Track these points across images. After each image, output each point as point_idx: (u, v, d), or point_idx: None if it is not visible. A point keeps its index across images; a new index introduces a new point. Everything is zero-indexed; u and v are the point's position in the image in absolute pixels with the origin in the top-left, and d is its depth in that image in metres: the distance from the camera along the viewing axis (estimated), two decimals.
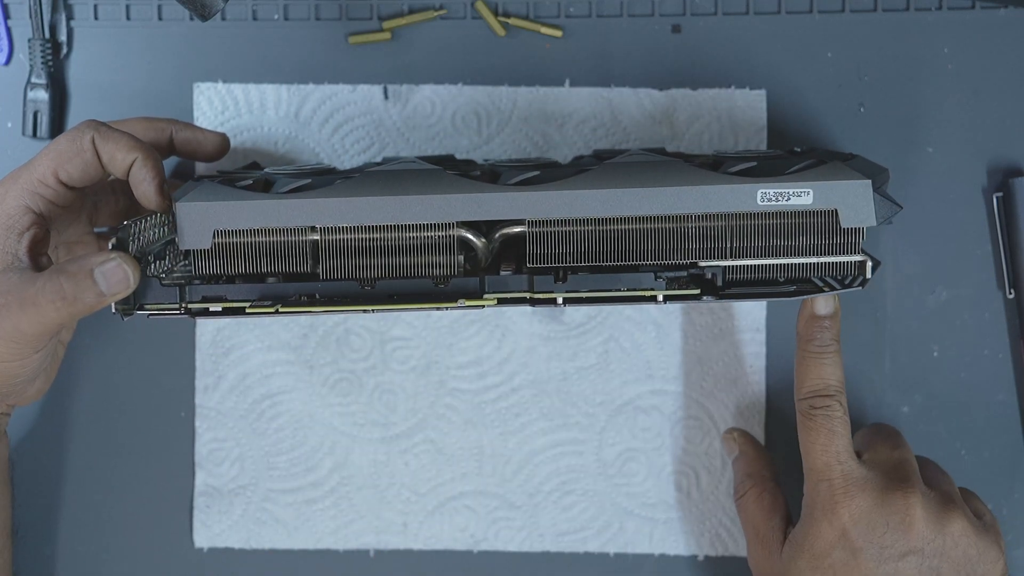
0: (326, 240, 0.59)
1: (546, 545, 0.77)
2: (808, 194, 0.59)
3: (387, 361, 0.76)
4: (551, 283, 0.60)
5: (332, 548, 0.77)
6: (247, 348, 0.76)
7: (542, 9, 0.76)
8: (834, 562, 0.64)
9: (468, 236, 0.60)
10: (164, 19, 0.76)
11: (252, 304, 0.60)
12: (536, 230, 0.60)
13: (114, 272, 0.58)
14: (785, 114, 0.76)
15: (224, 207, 0.59)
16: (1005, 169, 0.76)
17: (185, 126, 0.71)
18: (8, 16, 0.76)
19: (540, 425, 0.77)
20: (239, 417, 0.77)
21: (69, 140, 0.62)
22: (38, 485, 0.77)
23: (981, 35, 0.75)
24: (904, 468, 0.66)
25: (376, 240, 0.59)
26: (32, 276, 0.60)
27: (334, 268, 0.60)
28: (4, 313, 0.59)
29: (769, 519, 0.70)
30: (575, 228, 0.60)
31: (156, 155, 0.63)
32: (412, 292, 0.60)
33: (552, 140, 0.76)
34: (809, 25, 0.76)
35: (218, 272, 0.60)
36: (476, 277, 0.60)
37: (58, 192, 0.63)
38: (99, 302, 0.59)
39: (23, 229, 0.61)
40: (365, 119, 0.76)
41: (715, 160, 0.64)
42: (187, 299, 0.60)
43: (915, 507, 0.63)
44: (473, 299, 0.60)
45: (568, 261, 0.60)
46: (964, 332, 0.76)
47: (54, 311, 0.59)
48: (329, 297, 0.60)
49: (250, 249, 0.59)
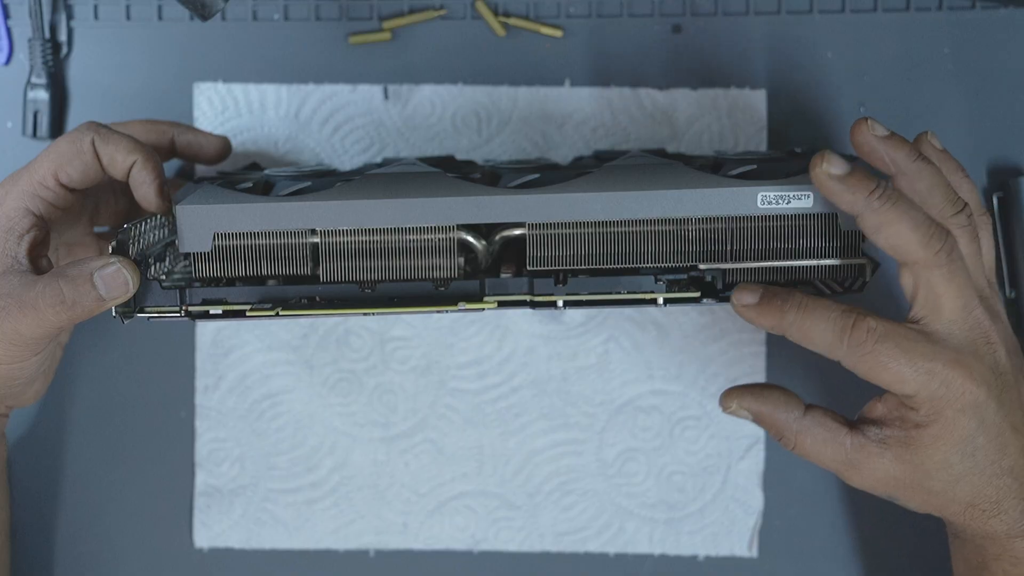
0: (326, 242, 0.59)
1: (546, 545, 0.77)
2: (808, 197, 0.59)
3: (387, 361, 0.76)
4: (551, 286, 0.60)
5: (332, 548, 0.77)
6: (247, 348, 0.76)
7: (542, 9, 0.76)
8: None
9: (468, 239, 0.60)
10: (164, 19, 0.76)
11: (253, 307, 0.60)
12: (536, 232, 0.60)
13: (114, 276, 0.58)
14: (785, 114, 0.76)
15: (224, 210, 0.59)
16: (1005, 169, 0.76)
17: (186, 129, 0.71)
18: (8, 16, 0.76)
19: (540, 425, 0.77)
20: (239, 417, 0.77)
21: (69, 142, 0.62)
22: (37, 485, 0.77)
23: (981, 35, 0.75)
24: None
25: (376, 243, 0.60)
26: (32, 279, 0.60)
27: (334, 270, 0.60)
28: (3, 316, 0.59)
29: (839, 445, 0.60)
30: (575, 231, 0.60)
31: (156, 157, 0.63)
32: (412, 295, 0.60)
33: (552, 140, 0.76)
34: (809, 25, 0.76)
35: (218, 275, 0.60)
36: (476, 280, 0.60)
37: (58, 194, 0.63)
38: (99, 306, 0.59)
39: (23, 231, 0.61)
40: (365, 119, 0.76)
41: (715, 162, 0.64)
42: (187, 302, 0.60)
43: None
44: (473, 302, 0.60)
45: (568, 264, 0.60)
46: None
47: (54, 315, 0.59)
48: (329, 300, 0.60)
49: (250, 251, 0.59)
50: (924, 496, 0.60)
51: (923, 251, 0.56)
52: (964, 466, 0.58)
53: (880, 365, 0.57)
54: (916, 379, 0.57)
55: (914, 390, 0.57)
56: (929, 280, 0.57)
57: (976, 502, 0.59)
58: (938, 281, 0.57)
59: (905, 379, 0.57)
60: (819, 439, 0.60)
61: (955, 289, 0.57)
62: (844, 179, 0.56)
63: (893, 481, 0.60)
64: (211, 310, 0.60)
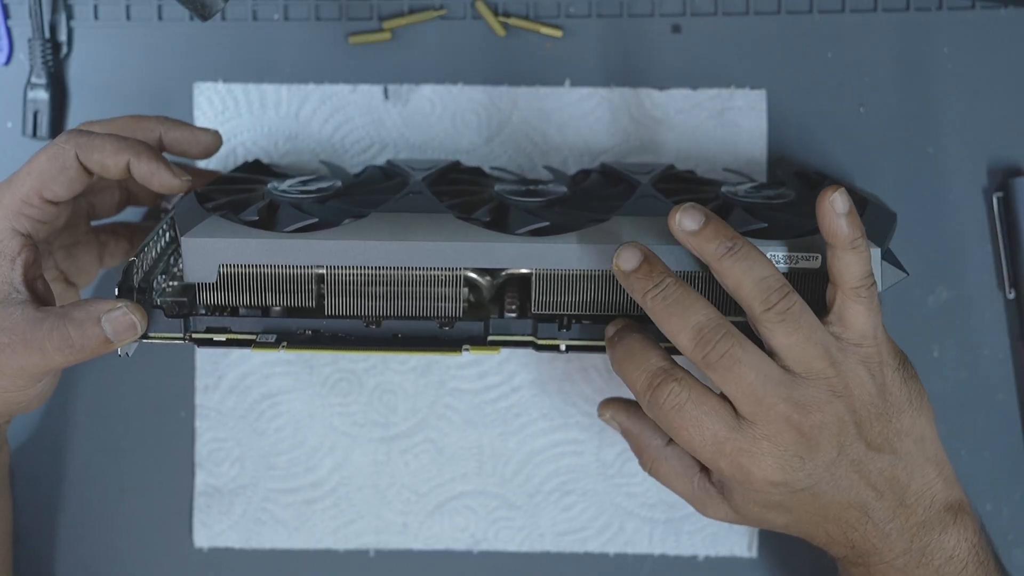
0: (331, 274, 0.60)
1: (546, 545, 0.77)
2: (817, 259, 0.60)
3: (387, 361, 0.76)
4: (555, 330, 0.61)
5: (332, 548, 0.77)
6: (247, 348, 0.76)
7: (542, 9, 0.76)
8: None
9: (473, 276, 0.61)
10: (164, 19, 0.76)
11: (258, 339, 0.60)
12: (542, 273, 0.60)
13: (121, 321, 0.58)
14: (785, 114, 0.76)
15: (230, 244, 0.59)
16: (1005, 169, 0.76)
17: (174, 124, 0.67)
18: (8, 16, 0.76)
19: (540, 425, 0.77)
20: (239, 417, 0.77)
21: (50, 158, 0.61)
22: (38, 485, 0.77)
23: (981, 35, 0.75)
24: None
25: (381, 276, 0.60)
26: (37, 317, 0.59)
27: (339, 303, 0.60)
28: (8, 353, 0.59)
29: (690, 478, 0.63)
30: (582, 275, 0.60)
31: (146, 145, 0.62)
32: (417, 335, 0.60)
33: (552, 140, 0.76)
34: (809, 25, 0.76)
35: (223, 303, 0.60)
36: (480, 321, 0.61)
37: (44, 210, 0.62)
38: (106, 348, 0.59)
39: (14, 254, 0.60)
40: (365, 119, 0.76)
41: (725, 203, 0.64)
42: (191, 329, 0.60)
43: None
44: (477, 345, 0.60)
45: (574, 308, 0.61)
46: (964, 332, 0.76)
47: (60, 357, 0.59)
48: (333, 335, 0.60)
49: (255, 281, 0.60)
50: (768, 528, 0.62)
51: (761, 307, 0.57)
52: (783, 519, 0.60)
53: (673, 429, 0.59)
54: (702, 453, 0.58)
55: (698, 457, 0.59)
56: (771, 332, 0.57)
57: (811, 537, 0.62)
58: (780, 335, 0.57)
59: (693, 448, 0.59)
60: (673, 471, 0.63)
61: (797, 341, 0.57)
62: (697, 234, 0.58)
63: (735, 519, 0.62)
64: (215, 338, 0.60)
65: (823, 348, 0.57)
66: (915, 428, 0.60)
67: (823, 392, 0.57)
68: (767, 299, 0.57)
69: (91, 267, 0.70)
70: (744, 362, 0.57)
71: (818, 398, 0.57)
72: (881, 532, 0.60)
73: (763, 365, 0.57)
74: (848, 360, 0.58)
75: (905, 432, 0.60)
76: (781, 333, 0.57)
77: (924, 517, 0.60)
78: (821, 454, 0.58)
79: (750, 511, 0.60)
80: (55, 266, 0.69)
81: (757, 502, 0.60)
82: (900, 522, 0.60)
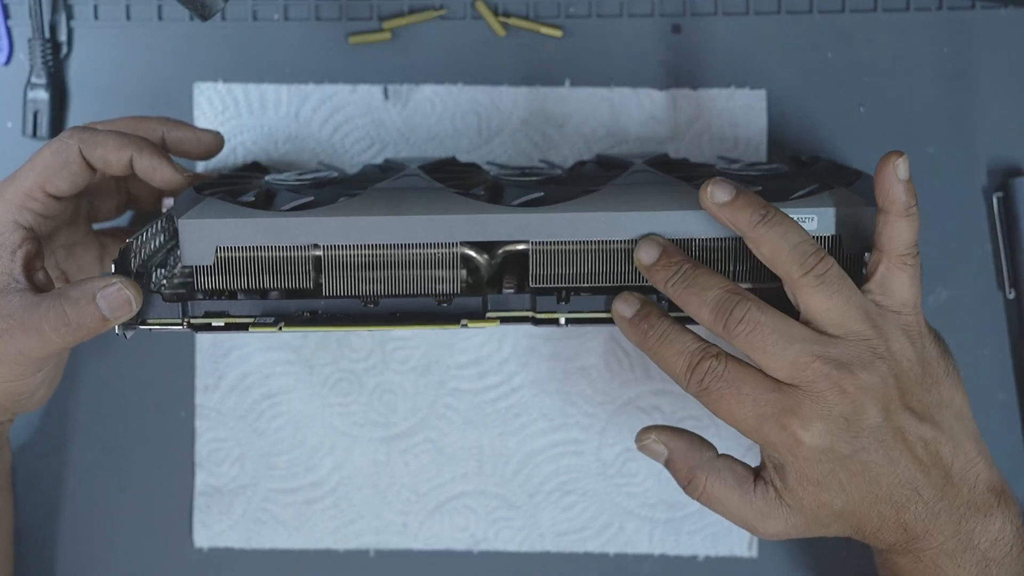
0: (329, 254, 0.60)
1: (546, 545, 0.77)
2: (812, 220, 0.59)
3: (387, 361, 0.76)
4: (554, 304, 0.61)
5: (332, 548, 0.77)
6: (247, 348, 0.76)
7: (542, 9, 0.76)
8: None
9: (471, 253, 0.60)
10: (164, 19, 0.76)
11: (255, 321, 0.60)
12: (539, 249, 0.60)
13: (116, 296, 0.58)
14: (785, 114, 0.76)
15: (227, 224, 0.59)
16: (1005, 169, 0.76)
17: (176, 125, 0.68)
18: (8, 16, 0.76)
19: (540, 425, 0.77)
20: (239, 417, 0.77)
21: (54, 153, 0.61)
22: (39, 485, 0.77)
23: (981, 35, 0.75)
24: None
25: (379, 255, 0.60)
26: (34, 300, 0.59)
27: (337, 283, 0.60)
28: (7, 338, 0.59)
29: (746, 490, 0.61)
30: (579, 248, 0.60)
31: (148, 142, 0.62)
32: (415, 311, 0.60)
33: (552, 140, 0.76)
34: (809, 25, 0.76)
35: (220, 287, 0.60)
36: (479, 297, 0.60)
37: (47, 205, 0.62)
38: (103, 326, 0.58)
39: (15, 246, 0.61)
40: (365, 119, 0.76)
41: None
42: (189, 314, 0.60)
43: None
44: (475, 319, 0.60)
45: (571, 280, 0.60)
46: (964, 332, 0.76)
47: (58, 337, 0.59)
48: (332, 314, 0.60)
49: (253, 264, 0.60)
50: (824, 532, 0.60)
51: (799, 271, 0.57)
52: (839, 500, 0.59)
53: (714, 404, 0.58)
54: (747, 423, 0.58)
55: (746, 431, 0.58)
56: (810, 296, 0.57)
57: (864, 523, 0.60)
58: (818, 298, 0.57)
59: (738, 420, 0.58)
60: (727, 484, 0.61)
61: (837, 303, 0.57)
62: (730, 205, 0.58)
63: (795, 523, 0.60)
64: (213, 322, 0.60)
65: (863, 311, 0.57)
66: (954, 401, 0.60)
67: (865, 352, 0.57)
68: (804, 263, 0.57)
69: (91, 267, 0.70)
70: (764, 323, 0.57)
71: (860, 357, 0.57)
72: (932, 512, 0.59)
73: (784, 325, 0.57)
74: (888, 324, 0.58)
75: (945, 404, 0.59)
76: (820, 296, 0.57)
77: (969, 497, 0.60)
78: (866, 416, 0.57)
79: (807, 497, 0.59)
80: (56, 265, 0.69)
81: (810, 479, 0.58)
82: (948, 501, 0.59)
